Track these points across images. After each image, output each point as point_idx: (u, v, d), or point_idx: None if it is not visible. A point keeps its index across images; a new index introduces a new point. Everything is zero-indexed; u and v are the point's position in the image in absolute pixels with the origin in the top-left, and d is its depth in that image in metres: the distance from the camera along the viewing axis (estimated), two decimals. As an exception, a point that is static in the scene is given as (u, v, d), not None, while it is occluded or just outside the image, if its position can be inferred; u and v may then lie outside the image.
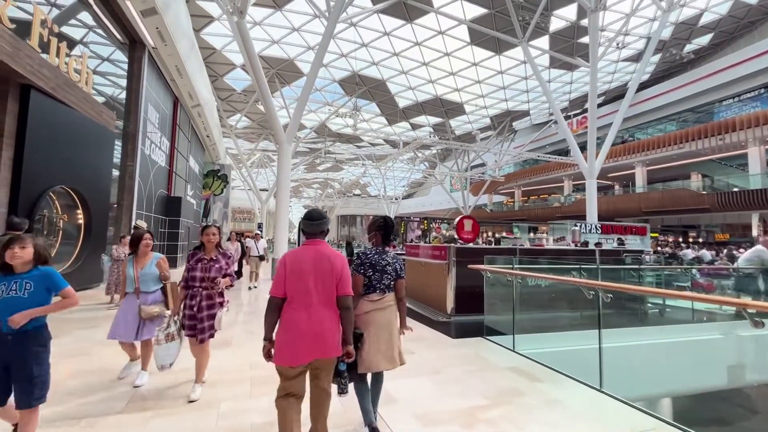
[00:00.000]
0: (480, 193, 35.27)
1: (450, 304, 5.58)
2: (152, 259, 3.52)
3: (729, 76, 22.19)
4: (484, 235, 26.86)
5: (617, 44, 21.49)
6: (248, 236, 11.63)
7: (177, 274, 3.82)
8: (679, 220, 25.57)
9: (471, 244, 5.94)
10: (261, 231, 33.40)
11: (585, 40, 22.09)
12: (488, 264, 4.53)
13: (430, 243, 14.38)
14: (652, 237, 13.91)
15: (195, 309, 3.11)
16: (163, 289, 3.55)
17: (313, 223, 2.26)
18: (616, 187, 32.84)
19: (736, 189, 20.39)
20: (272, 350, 2.09)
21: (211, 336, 3.20)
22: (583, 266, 4.49)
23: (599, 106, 31.13)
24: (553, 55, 18.47)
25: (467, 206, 35.03)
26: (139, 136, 10.01)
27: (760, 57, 20.50)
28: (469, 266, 4.63)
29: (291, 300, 2.10)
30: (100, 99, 9.00)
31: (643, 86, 28.87)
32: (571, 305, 4.66)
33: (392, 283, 2.61)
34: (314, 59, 11.29)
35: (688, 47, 25.34)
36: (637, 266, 6.08)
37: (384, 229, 2.69)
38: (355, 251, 11.05)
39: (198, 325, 3.11)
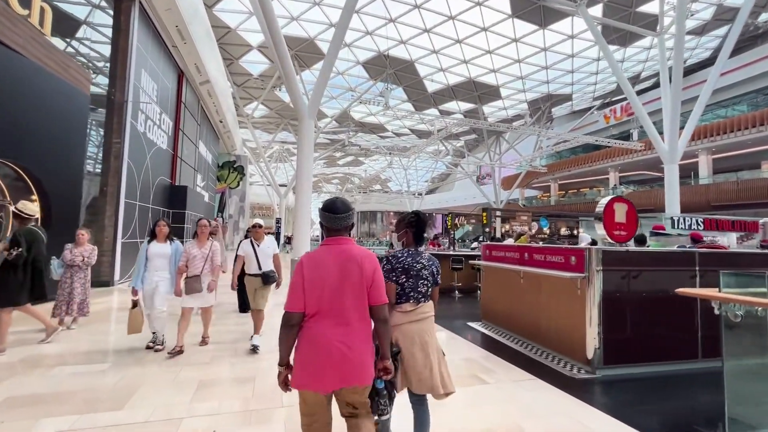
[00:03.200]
0: (513, 187, 32.51)
1: (592, 345, 3.27)
2: None
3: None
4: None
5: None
6: (268, 231, 5.39)
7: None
8: (755, 215, 22.26)
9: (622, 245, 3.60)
10: (280, 224, 31.55)
11: (645, 8, 19.20)
12: (731, 288, 2.20)
13: (476, 243, 12.03)
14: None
15: None
16: None
17: (339, 217, 1.80)
18: (668, 179, 29.63)
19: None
20: (290, 376, 1.72)
21: None
22: None
23: (649, 89, 28.06)
24: (614, 25, 15.73)
25: (499, 201, 32.36)
26: (129, 108, 8.04)
27: None
28: (681, 291, 2.32)
29: (312, 314, 1.70)
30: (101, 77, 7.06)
31: (701, 66, 25.66)
32: None
33: (429, 290, 2.21)
34: (339, 22, 9.18)
35: (765, 15, 21.99)
36: None
37: (416, 225, 2.27)
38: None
39: None
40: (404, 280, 2.15)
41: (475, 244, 11.30)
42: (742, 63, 23.64)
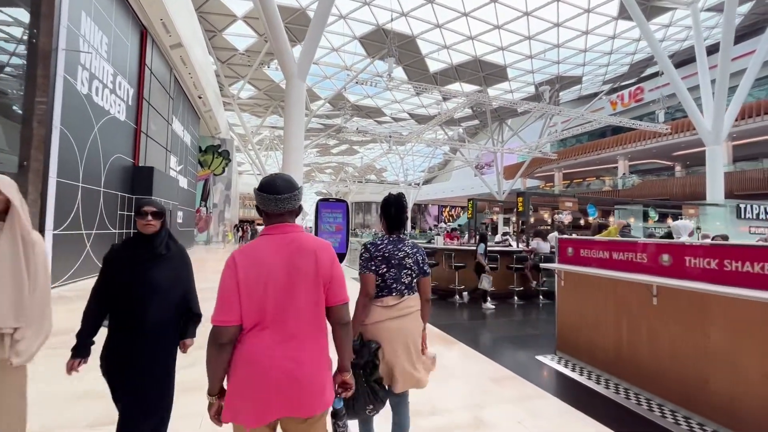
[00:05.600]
0: (517, 176, 30.94)
1: None
2: None
3: None
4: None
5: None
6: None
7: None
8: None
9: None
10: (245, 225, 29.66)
11: (671, -22, 17.45)
12: None
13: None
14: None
15: None
16: None
17: (279, 198, 1.30)
18: (677, 167, 28.51)
19: None
20: (222, 406, 1.25)
21: None
22: None
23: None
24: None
25: (501, 191, 30.75)
26: (60, 57, 6.10)
27: None
28: None
29: (250, 326, 1.24)
30: None
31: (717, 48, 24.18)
32: None
33: (414, 281, 1.95)
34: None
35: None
36: None
37: (385, 210, 2.00)
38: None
39: None
40: (385, 270, 1.88)
41: (498, 237, 9.63)
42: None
